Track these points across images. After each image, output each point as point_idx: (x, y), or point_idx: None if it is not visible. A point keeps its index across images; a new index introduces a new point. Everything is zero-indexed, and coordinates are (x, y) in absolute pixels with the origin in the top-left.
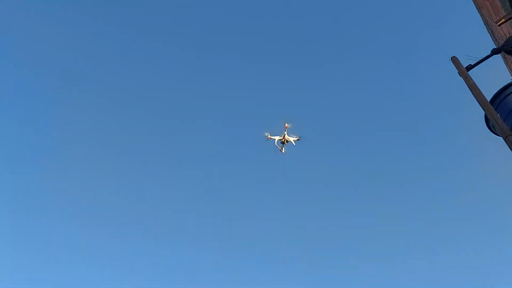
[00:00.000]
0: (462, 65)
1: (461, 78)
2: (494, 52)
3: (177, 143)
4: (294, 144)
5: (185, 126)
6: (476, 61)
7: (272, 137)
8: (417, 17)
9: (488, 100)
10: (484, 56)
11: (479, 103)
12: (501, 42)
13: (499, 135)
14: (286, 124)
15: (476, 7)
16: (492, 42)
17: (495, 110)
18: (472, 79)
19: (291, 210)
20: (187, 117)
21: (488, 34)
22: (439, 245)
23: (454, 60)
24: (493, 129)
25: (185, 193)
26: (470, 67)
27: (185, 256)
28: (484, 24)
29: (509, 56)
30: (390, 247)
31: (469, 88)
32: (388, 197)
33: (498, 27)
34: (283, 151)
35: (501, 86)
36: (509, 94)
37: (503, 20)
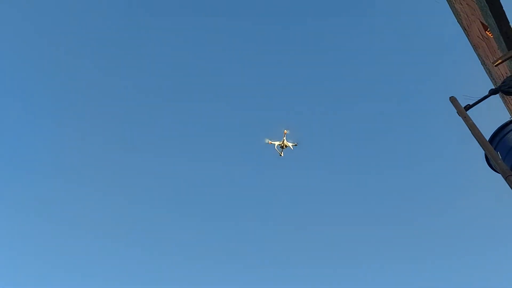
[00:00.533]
0: (460, 105)
1: (459, 117)
2: (492, 92)
3: (177, 142)
4: (292, 148)
5: (187, 125)
6: (475, 101)
7: (272, 142)
8: (414, 56)
9: (488, 137)
10: (482, 96)
11: (479, 142)
12: (499, 82)
13: (499, 173)
14: (285, 131)
15: (472, 47)
16: (490, 81)
17: (495, 148)
18: (471, 119)
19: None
20: (188, 116)
21: (486, 74)
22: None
23: (453, 100)
24: (494, 167)
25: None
26: (468, 107)
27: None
28: (481, 63)
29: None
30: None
31: (469, 128)
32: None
33: (495, 67)
34: (281, 154)
35: (500, 124)
36: (508, 132)
37: (499, 60)
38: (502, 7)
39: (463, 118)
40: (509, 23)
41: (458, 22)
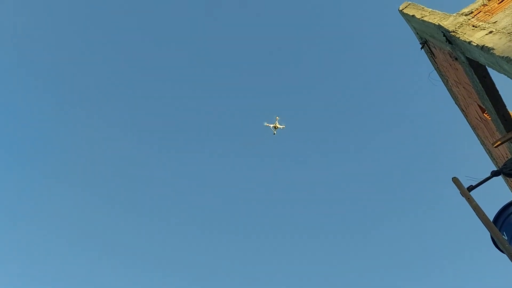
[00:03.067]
0: (463, 186)
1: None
2: (494, 174)
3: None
4: (281, 129)
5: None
6: (477, 182)
7: (268, 124)
8: (414, 135)
9: (492, 217)
10: (484, 177)
11: (484, 224)
12: (499, 161)
13: (507, 255)
14: (277, 117)
15: (471, 127)
16: (490, 160)
17: (500, 227)
18: (474, 200)
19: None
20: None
21: (486, 153)
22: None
23: (455, 180)
24: (500, 248)
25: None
26: (471, 188)
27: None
28: (481, 143)
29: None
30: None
31: (473, 209)
32: None
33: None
34: (275, 133)
35: (504, 203)
36: None
37: (499, 142)
38: (498, 91)
39: (467, 200)
40: (505, 106)
41: (456, 104)
